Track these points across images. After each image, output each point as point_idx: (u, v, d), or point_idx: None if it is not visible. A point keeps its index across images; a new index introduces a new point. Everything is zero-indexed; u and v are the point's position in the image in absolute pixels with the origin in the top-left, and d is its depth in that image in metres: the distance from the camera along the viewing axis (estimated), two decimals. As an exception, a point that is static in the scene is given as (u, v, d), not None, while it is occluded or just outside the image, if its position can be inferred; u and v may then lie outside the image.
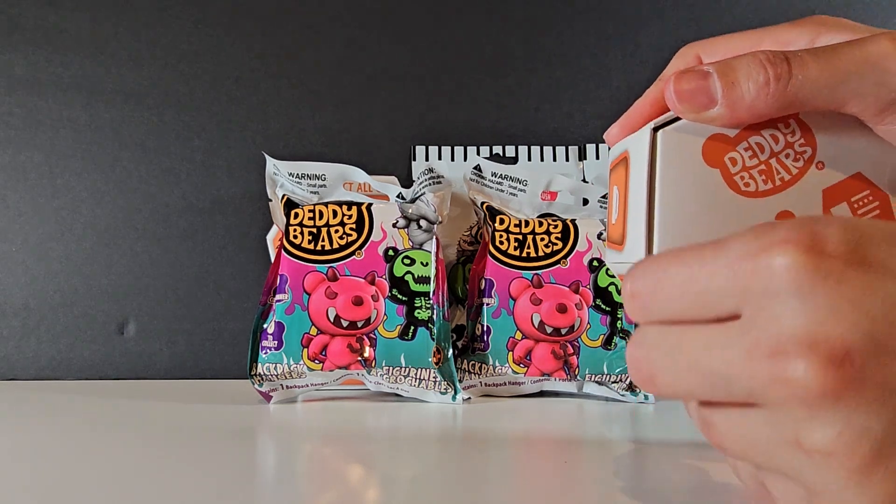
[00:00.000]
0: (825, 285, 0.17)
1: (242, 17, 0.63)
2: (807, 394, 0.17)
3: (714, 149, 0.26)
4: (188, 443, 0.36)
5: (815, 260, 0.17)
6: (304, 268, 0.49)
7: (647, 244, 0.26)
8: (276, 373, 0.47)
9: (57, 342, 0.60)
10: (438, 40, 0.64)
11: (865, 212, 0.25)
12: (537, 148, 0.62)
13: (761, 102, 0.24)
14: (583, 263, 0.51)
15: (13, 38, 0.61)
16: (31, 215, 0.60)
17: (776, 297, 0.17)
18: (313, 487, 0.28)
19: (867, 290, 0.17)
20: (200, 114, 0.62)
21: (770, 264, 0.17)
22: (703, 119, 0.25)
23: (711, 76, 0.24)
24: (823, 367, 0.16)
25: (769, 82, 0.23)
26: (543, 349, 0.50)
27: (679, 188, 0.26)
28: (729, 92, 0.24)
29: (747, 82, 0.24)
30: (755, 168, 0.26)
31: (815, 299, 0.17)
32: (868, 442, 0.17)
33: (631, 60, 0.64)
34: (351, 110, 0.63)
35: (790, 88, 0.23)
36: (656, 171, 0.26)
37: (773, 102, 0.24)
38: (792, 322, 0.17)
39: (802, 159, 0.26)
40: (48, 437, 0.37)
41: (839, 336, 0.16)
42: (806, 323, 0.17)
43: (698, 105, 0.25)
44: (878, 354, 0.16)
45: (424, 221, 0.51)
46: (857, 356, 0.16)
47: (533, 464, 0.32)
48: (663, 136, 0.26)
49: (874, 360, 0.16)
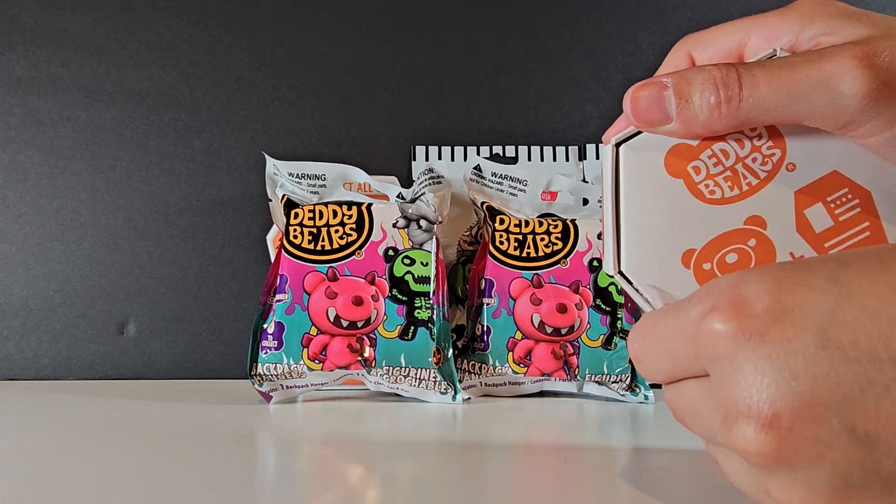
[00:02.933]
0: (747, 348, 0.18)
1: (242, 17, 0.63)
2: (755, 457, 0.18)
3: (676, 159, 0.26)
4: (188, 443, 0.36)
5: (737, 323, 0.18)
6: (304, 268, 0.49)
7: (615, 259, 0.26)
8: (276, 373, 0.47)
9: (57, 342, 0.60)
10: (438, 40, 0.64)
11: (844, 210, 0.25)
12: (537, 148, 0.62)
13: (714, 121, 0.24)
14: (583, 263, 0.51)
15: (13, 38, 0.61)
16: (31, 215, 0.60)
17: (718, 364, 0.18)
18: (313, 488, 0.28)
19: (786, 346, 0.17)
20: (200, 114, 0.62)
21: (706, 333, 0.19)
22: (660, 132, 0.25)
23: (667, 91, 0.24)
24: (757, 430, 0.17)
25: (720, 104, 0.23)
26: (543, 349, 0.50)
27: (643, 200, 0.26)
28: (683, 109, 0.24)
29: (699, 101, 0.24)
30: (720, 175, 0.25)
31: (743, 364, 0.18)
32: (817, 496, 0.17)
33: (631, 60, 0.64)
34: (351, 110, 0.63)
35: (741, 109, 0.23)
36: (620, 186, 0.26)
37: (725, 121, 0.24)
38: (730, 387, 0.18)
39: (771, 162, 0.25)
40: (48, 437, 0.37)
41: (765, 399, 0.17)
42: (738, 388, 0.18)
43: (654, 120, 0.25)
44: (804, 410, 0.17)
45: (424, 221, 0.51)
46: (784, 416, 0.17)
47: (533, 464, 0.32)
48: (624, 151, 0.26)
49: (801, 417, 0.17)
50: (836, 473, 0.17)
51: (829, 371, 0.17)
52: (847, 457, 0.17)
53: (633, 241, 0.25)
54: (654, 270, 0.25)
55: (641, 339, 0.22)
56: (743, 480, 0.20)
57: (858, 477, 0.17)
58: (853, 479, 0.17)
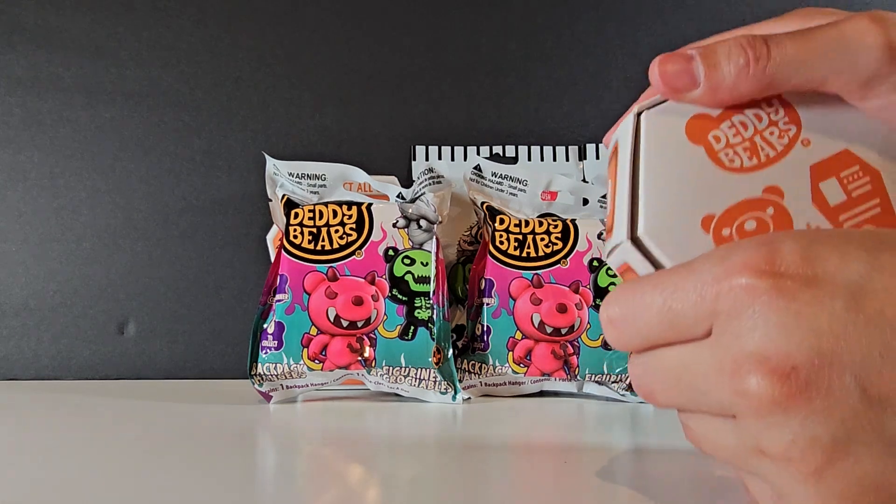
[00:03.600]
0: (778, 304, 0.18)
1: (242, 17, 0.63)
2: (760, 406, 0.18)
3: (697, 127, 0.26)
4: (188, 443, 0.36)
5: (771, 281, 0.18)
6: (304, 268, 0.49)
7: (628, 225, 0.25)
8: (276, 373, 0.47)
9: (57, 342, 0.60)
10: (438, 40, 0.64)
11: (856, 187, 0.25)
12: (537, 148, 0.62)
13: (742, 83, 0.25)
14: (583, 263, 0.51)
15: (13, 38, 0.61)
16: (31, 215, 0.60)
17: (738, 318, 0.19)
18: (313, 487, 0.28)
19: (815, 306, 0.18)
20: (200, 114, 0.62)
21: (732, 287, 0.19)
22: (685, 99, 0.26)
23: (695, 59, 0.25)
24: (771, 381, 0.18)
25: (749, 63, 0.25)
26: (543, 349, 0.50)
27: (663, 165, 0.26)
28: (711, 73, 0.25)
29: (728, 64, 0.25)
30: (739, 145, 0.26)
31: (768, 318, 0.18)
32: (819, 448, 0.18)
33: (631, 60, 0.64)
34: (351, 110, 0.63)
35: (769, 69, 0.24)
36: (640, 151, 0.26)
37: (753, 83, 0.25)
38: (748, 341, 0.18)
39: (787, 136, 0.26)
40: (48, 437, 0.37)
41: (786, 352, 0.18)
42: (758, 341, 0.18)
43: (681, 86, 0.26)
44: (823, 367, 0.18)
45: (424, 221, 0.51)
46: (803, 370, 0.18)
47: (532, 464, 0.32)
48: (646, 117, 0.27)
49: (819, 373, 0.18)
50: (841, 428, 0.18)
51: (852, 333, 0.17)
52: (855, 415, 0.18)
53: (652, 204, 0.25)
54: (673, 234, 0.25)
55: (623, 302, 0.22)
56: (726, 442, 0.20)
57: (862, 435, 0.18)
58: (856, 437, 0.18)
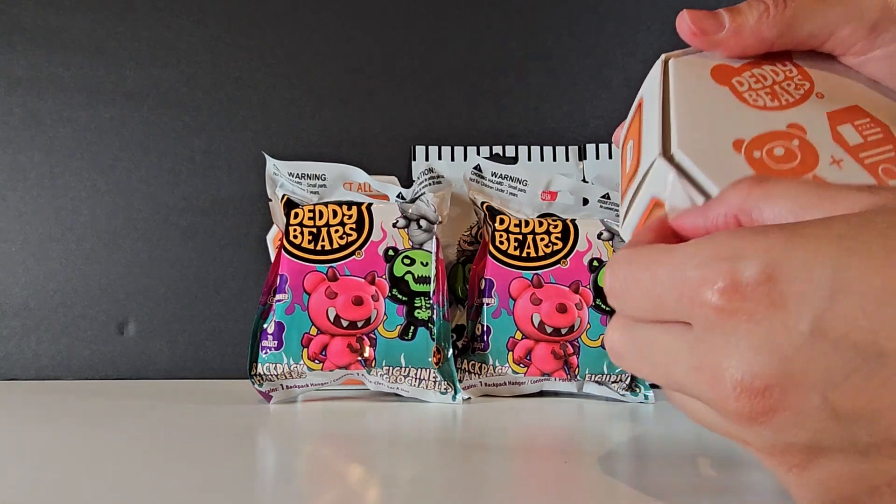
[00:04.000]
0: (747, 328, 0.19)
1: (242, 17, 0.63)
2: (739, 418, 0.19)
3: (721, 72, 0.29)
4: (188, 443, 0.36)
5: (738, 304, 0.19)
6: (304, 268, 0.49)
7: (661, 143, 0.26)
8: (276, 373, 0.47)
9: (57, 342, 0.60)
10: (438, 40, 0.64)
11: (870, 133, 0.27)
12: (537, 148, 0.62)
13: (763, 26, 0.28)
14: (583, 263, 0.51)
15: (13, 38, 0.61)
16: (31, 215, 0.60)
17: (712, 333, 0.20)
18: (313, 487, 0.28)
19: (782, 331, 0.18)
20: (200, 114, 0.62)
21: (703, 304, 0.20)
22: (712, 41, 0.29)
23: (720, 11, 0.29)
24: (749, 398, 0.19)
25: (768, 9, 0.28)
26: (543, 349, 0.50)
27: (692, 99, 0.28)
28: (735, 17, 0.28)
29: (750, 11, 0.28)
30: (761, 90, 0.28)
31: (739, 341, 0.19)
32: (796, 451, 0.19)
33: (631, 60, 0.64)
34: (351, 110, 0.63)
35: (787, 12, 0.28)
36: (669, 90, 0.28)
37: (773, 26, 0.28)
38: (723, 357, 0.19)
39: (803, 89, 0.28)
40: (48, 437, 0.37)
41: (758, 373, 0.19)
42: (733, 361, 0.19)
43: (709, 27, 0.28)
44: (793, 387, 0.18)
45: (424, 221, 0.51)
46: (776, 389, 0.19)
47: (533, 464, 0.32)
48: (674, 62, 0.29)
49: (790, 392, 0.19)
50: (814, 440, 0.19)
51: (819, 357, 0.18)
52: (826, 429, 0.19)
53: (685, 127, 0.26)
54: (707, 153, 0.25)
55: (626, 275, 0.22)
56: (713, 423, 0.22)
57: (835, 445, 0.19)
58: (830, 446, 0.19)
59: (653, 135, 0.27)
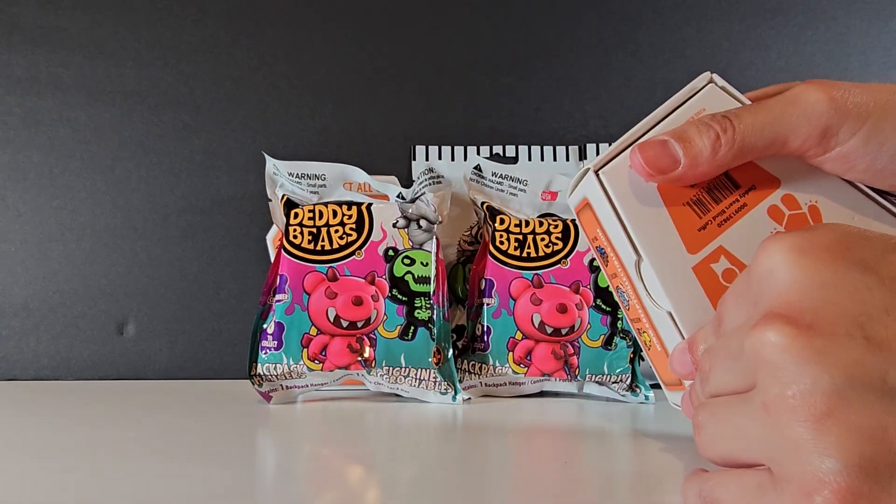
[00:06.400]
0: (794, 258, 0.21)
1: (242, 16, 0.63)
2: (774, 349, 0.20)
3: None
4: (188, 443, 0.36)
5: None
6: (304, 268, 0.49)
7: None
8: (276, 373, 0.47)
9: (56, 342, 0.60)
10: (438, 40, 0.64)
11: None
12: (537, 148, 0.62)
13: (718, 153, 0.28)
14: (583, 263, 0.51)
15: (13, 37, 0.61)
16: (30, 215, 0.60)
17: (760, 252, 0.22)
18: (313, 487, 0.28)
19: (831, 265, 0.20)
20: (200, 114, 0.62)
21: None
22: (670, 179, 0.29)
23: (668, 141, 0.29)
24: (784, 325, 0.20)
25: (718, 136, 0.28)
26: (544, 349, 0.50)
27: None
28: (688, 149, 0.29)
29: (701, 138, 0.29)
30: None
31: (794, 274, 0.20)
32: (819, 392, 0.19)
33: (631, 60, 0.64)
34: (351, 110, 0.63)
35: (736, 137, 0.28)
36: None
37: (726, 152, 0.28)
38: (769, 289, 0.21)
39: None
40: (48, 437, 0.37)
41: (796, 301, 0.20)
42: (775, 290, 0.21)
43: (665, 166, 0.29)
44: (830, 316, 0.19)
45: (424, 221, 0.51)
46: (808, 317, 0.20)
47: (533, 465, 0.32)
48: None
49: (826, 319, 0.19)
50: (842, 373, 0.19)
51: (863, 290, 0.19)
52: (858, 359, 0.19)
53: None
54: None
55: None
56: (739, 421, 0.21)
57: (862, 380, 0.19)
58: (856, 382, 0.19)
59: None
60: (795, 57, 0.64)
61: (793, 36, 0.64)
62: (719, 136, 0.28)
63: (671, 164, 0.29)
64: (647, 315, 0.32)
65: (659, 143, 0.29)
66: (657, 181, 0.30)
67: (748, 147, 0.28)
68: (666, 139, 0.29)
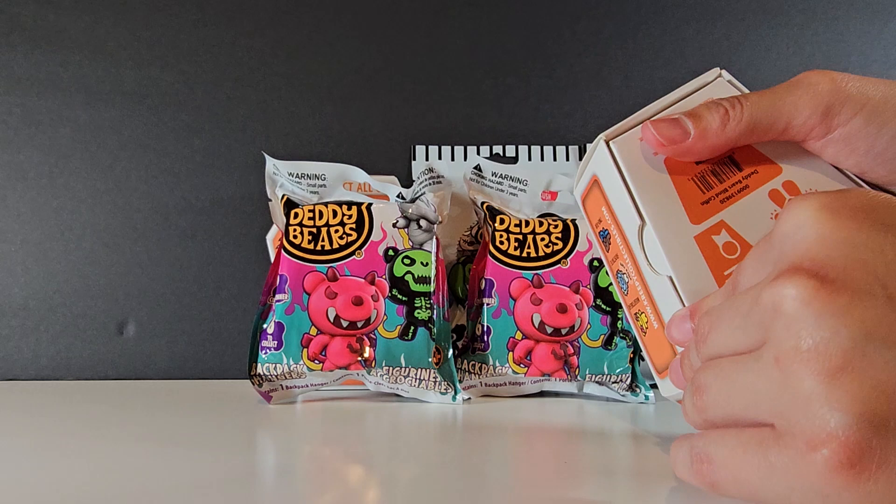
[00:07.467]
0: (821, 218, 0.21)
1: (242, 16, 0.63)
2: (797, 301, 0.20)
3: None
4: (188, 443, 0.36)
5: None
6: (304, 268, 0.49)
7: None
8: (276, 373, 0.47)
9: (56, 342, 0.60)
10: (438, 40, 0.64)
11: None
12: (537, 148, 0.62)
13: (727, 128, 0.30)
14: (583, 263, 0.51)
15: (13, 37, 0.61)
16: (30, 215, 0.60)
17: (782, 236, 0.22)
18: (313, 487, 0.28)
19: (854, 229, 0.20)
20: (200, 114, 0.62)
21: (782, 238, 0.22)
22: (680, 150, 0.31)
23: (681, 118, 0.31)
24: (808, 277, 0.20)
25: (727, 112, 0.30)
26: (544, 349, 0.50)
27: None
28: (697, 122, 0.30)
29: (710, 115, 0.30)
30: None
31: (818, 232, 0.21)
32: (837, 345, 0.19)
33: (631, 60, 0.64)
34: (351, 110, 0.63)
35: (744, 113, 0.30)
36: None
37: (734, 126, 0.30)
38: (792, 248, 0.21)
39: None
40: (48, 437, 0.37)
41: (823, 260, 0.20)
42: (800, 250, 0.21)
43: (675, 137, 0.31)
44: (852, 271, 0.19)
45: (424, 221, 0.51)
46: (832, 272, 0.20)
47: (533, 465, 0.32)
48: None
49: (848, 273, 0.19)
50: (861, 327, 0.19)
51: (888, 251, 0.20)
52: (878, 314, 0.19)
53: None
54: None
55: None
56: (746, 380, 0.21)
57: (881, 337, 0.18)
58: (875, 336, 0.19)
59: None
60: (795, 57, 0.64)
61: (793, 36, 0.64)
62: (728, 112, 0.30)
63: (681, 135, 0.30)
64: (646, 289, 0.32)
65: (670, 118, 0.31)
66: (667, 152, 0.31)
67: (755, 123, 0.30)
68: (678, 116, 0.31)
